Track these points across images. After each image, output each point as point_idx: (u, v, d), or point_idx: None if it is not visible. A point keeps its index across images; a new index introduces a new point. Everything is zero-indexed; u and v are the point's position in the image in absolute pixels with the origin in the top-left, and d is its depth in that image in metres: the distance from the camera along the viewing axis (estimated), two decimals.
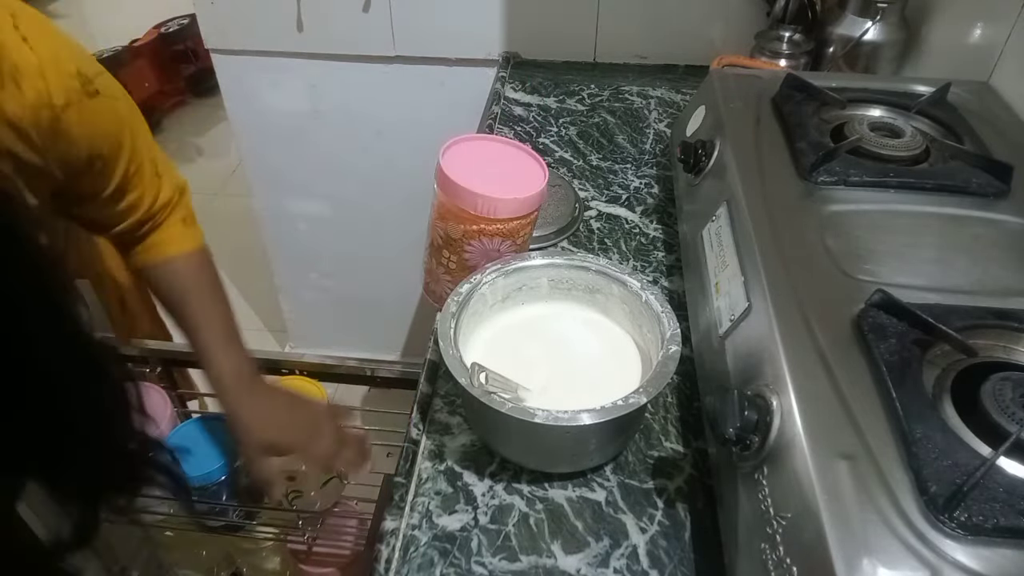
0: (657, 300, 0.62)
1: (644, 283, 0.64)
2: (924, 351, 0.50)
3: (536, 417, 0.52)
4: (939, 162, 0.71)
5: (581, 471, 0.62)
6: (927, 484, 0.42)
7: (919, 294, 0.54)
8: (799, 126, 0.74)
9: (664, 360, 0.57)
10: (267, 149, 1.52)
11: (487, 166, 0.69)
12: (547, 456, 0.60)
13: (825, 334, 0.52)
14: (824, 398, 0.48)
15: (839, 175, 0.68)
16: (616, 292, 0.66)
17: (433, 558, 0.56)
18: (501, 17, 1.26)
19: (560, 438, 0.56)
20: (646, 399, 0.54)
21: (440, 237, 0.69)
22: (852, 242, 0.61)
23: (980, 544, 0.40)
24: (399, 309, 1.75)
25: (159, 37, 2.98)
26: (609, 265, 0.66)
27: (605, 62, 1.27)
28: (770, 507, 0.46)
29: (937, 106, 0.79)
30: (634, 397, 0.54)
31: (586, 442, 0.58)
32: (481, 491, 0.61)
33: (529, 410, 0.53)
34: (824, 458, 0.44)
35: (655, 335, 0.61)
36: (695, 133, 0.84)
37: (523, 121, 1.10)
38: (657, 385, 0.55)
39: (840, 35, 1.06)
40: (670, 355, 0.57)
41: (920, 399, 0.47)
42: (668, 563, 0.55)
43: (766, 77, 0.86)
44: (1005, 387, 0.46)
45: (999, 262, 0.60)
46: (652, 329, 0.62)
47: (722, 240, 0.66)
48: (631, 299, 0.64)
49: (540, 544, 0.57)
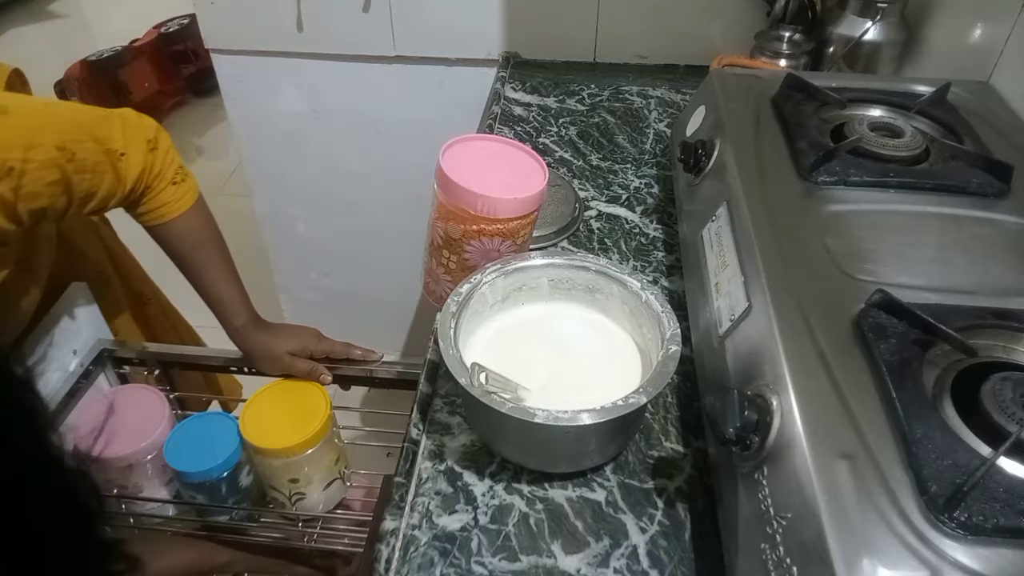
0: (657, 300, 0.62)
1: (644, 283, 0.64)
2: (924, 351, 0.50)
3: (536, 417, 0.52)
4: (939, 162, 0.71)
5: (581, 471, 0.62)
6: (927, 484, 0.42)
7: (919, 294, 0.54)
8: (799, 126, 0.74)
9: (664, 360, 0.57)
10: (267, 149, 1.52)
11: (487, 166, 0.69)
12: (547, 456, 0.60)
13: (825, 334, 0.52)
14: (824, 398, 0.48)
15: (839, 175, 0.68)
16: (616, 292, 0.66)
17: (433, 558, 0.56)
18: (501, 17, 1.26)
19: (560, 438, 0.56)
20: (646, 399, 0.54)
21: (440, 237, 0.69)
22: (852, 242, 0.61)
23: (980, 544, 0.40)
24: (399, 309, 1.75)
25: (159, 37, 2.98)
26: (609, 265, 0.66)
27: (605, 62, 1.27)
28: (770, 507, 0.46)
29: (937, 106, 0.79)
30: (634, 397, 0.54)
31: (586, 442, 0.58)
32: (481, 491, 0.61)
33: (529, 410, 0.53)
34: (824, 458, 0.44)
35: (655, 335, 0.61)
36: (695, 133, 0.84)
37: (523, 121, 1.10)
38: (657, 385, 0.55)
39: (840, 35, 1.06)
40: (670, 355, 0.57)
41: (920, 399, 0.47)
42: (668, 563, 0.55)
43: (766, 77, 0.86)
44: (1005, 387, 0.46)
45: (999, 262, 0.60)
46: (652, 329, 0.62)
47: (722, 240, 0.66)
48: (631, 299, 0.64)
49: (540, 544, 0.57)
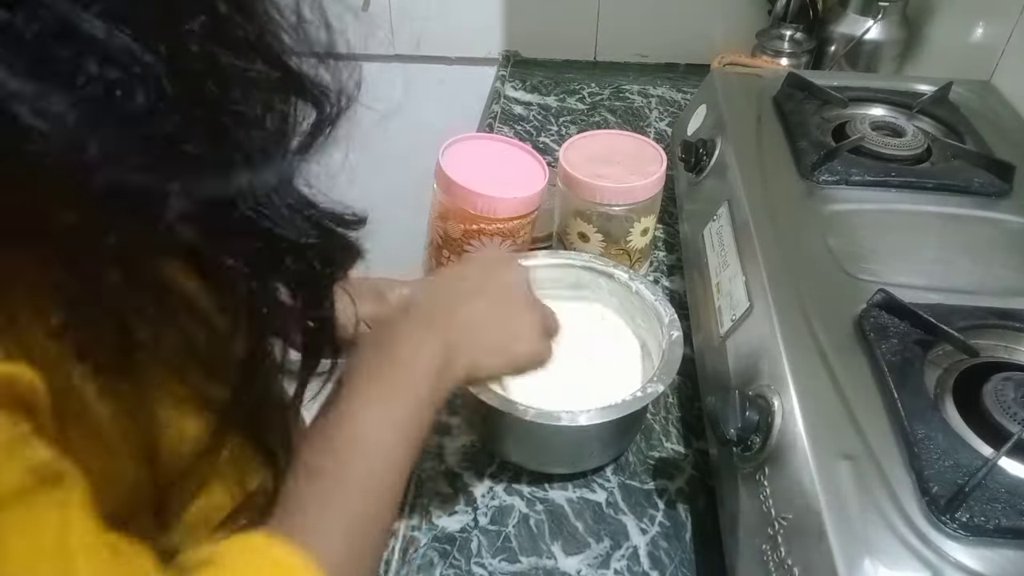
0: (648, 289, 0.62)
1: (631, 274, 0.64)
2: (926, 351, 0.50)
3: (528, 414, 0.52)
4: (941, 161, 0.71)
5: (582, 472, 0.61)
6: (929, 484, 0.42)
7: (921, 294, 0.54)
8: (800, 125, 0.74)
9: (670, 347, 0.57)
10: None
11: (487, 165, 0.69)
12: (547, 456, 0.60)
13: (827, 334, 0.52)
14: (826, 398, 0.48)
15: (840, 174, 0.67)
16: (604, 285, 0.66)
17: (433, 559, 0.56)
18: (501, 15, 1.26)
19: (565, 438, 0.56)
20: (663, 387, 0.54)
21: (440, 236, 0.69)
22: (854, 242, 0.61)
23: (982, 545, 0.40)
24: None
25: None
26: (594, 259, 0.66)
27: (606, 61, 1.27)
28: (771, 508, 0.46)
29: (939, 105, 0.79)
30: (651, 386, 0.54)
31: (588, 443, 0.58)
32: (481, 492, 0.60)
33: (520, 407, 0.53)
34: (826, 458, 0.44)
35: (651, 324, 0.61)
36: (696, 132, 0.84)
37: (523, 120, 1.09)
38: (670, 372, 0.55)
39: (842, 34, 1.06)
40: (674, 340, 0.57)
41: (922, 399, 0.46)
42: (669, 564, 0.55)
43: (767, 76, 0.86)
44: (1007, 387, 0.46)
45: (1001, 262, 0.60)
46: (648, 319, 0.62)
47: (723, 240, 0.66)
48: (620, 290, 0.65)
49: (540, 545, 0.57)
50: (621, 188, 0.66)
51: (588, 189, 0.67)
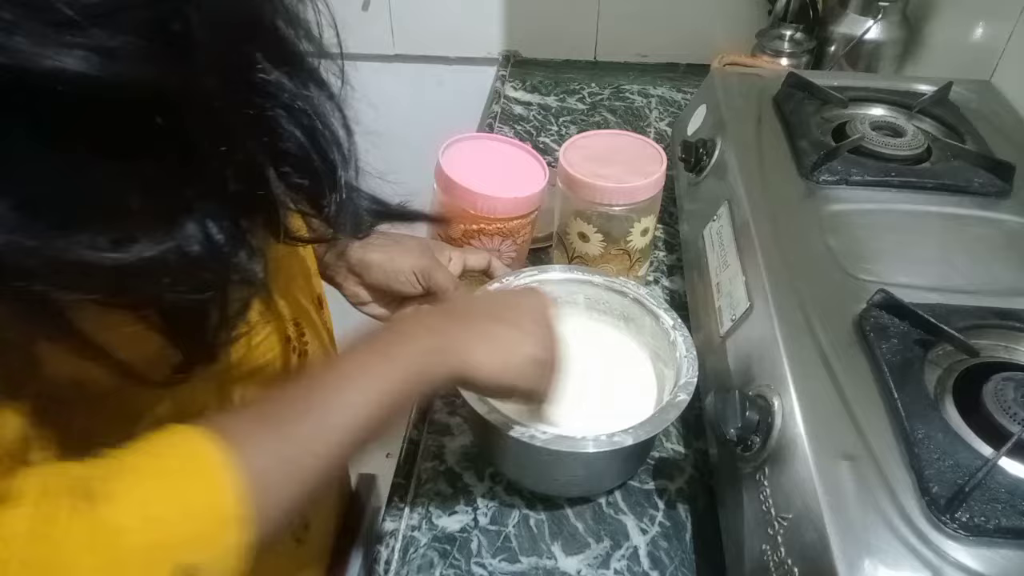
0: (684, 343, 0.59)
1: (677, 322, 0.61)
2: (926, 351, 0.50)
3: (522, 434, 0.51)
4: (941, 161, 0.71)
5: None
6: (929, 485, 0.42)
7: (921, 294, 0.54)
8: (800, 125, 0.74)
9: (667, 407, 0.54)
10: None
11: (487, 165, 0.69)
12: (544, 479, 0.59)
13: (827, 334, 0.52)
14: (826, 398, 0.48)
15: (841, 174, 0.67)
16: (648, 325, 0.63)
17: (433, 559, 0.56)
18: (501, 15, 1.26)
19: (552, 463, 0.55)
20: (631, 440, 0.51)
21: (440, 236, 0.69)
22: (854, 242, 0.61)
23: (982, 545, 0.40)
24: None
25: None
26: (647, 296, 0.63)
27: (606, 60, 1.27)
28: (771, 508, 0.46)
29: (939, 105, 0.79)
30: (619, 436, 0.51)
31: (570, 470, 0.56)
32: (481, 492, 0.60)
33: (509, 423, 0.52)
34: (826, 459, 0.44)
35: (671, 377, 0.58)
36: (696, 132, 0.84)
37: (523, 120, 1.09)
38: (649, 431, 0.52)
39: (842, 34, 1.06)
40: (675, 403, 0.54)
41: (922, 399, 0.46)
42: (669, 564, 0.55)
43: (767, 76, 0.86)
44: (1007, 387, 0.46)
45: (1001, 262, 0.60)
46: (671, 371, 0.59)
47: (723, 239, 0.66)
48: (660, 335, 0.61)
49: (540, 545, 0.57)
50: (621, 188, 0.66)
51: (588, 189, 0.67)
